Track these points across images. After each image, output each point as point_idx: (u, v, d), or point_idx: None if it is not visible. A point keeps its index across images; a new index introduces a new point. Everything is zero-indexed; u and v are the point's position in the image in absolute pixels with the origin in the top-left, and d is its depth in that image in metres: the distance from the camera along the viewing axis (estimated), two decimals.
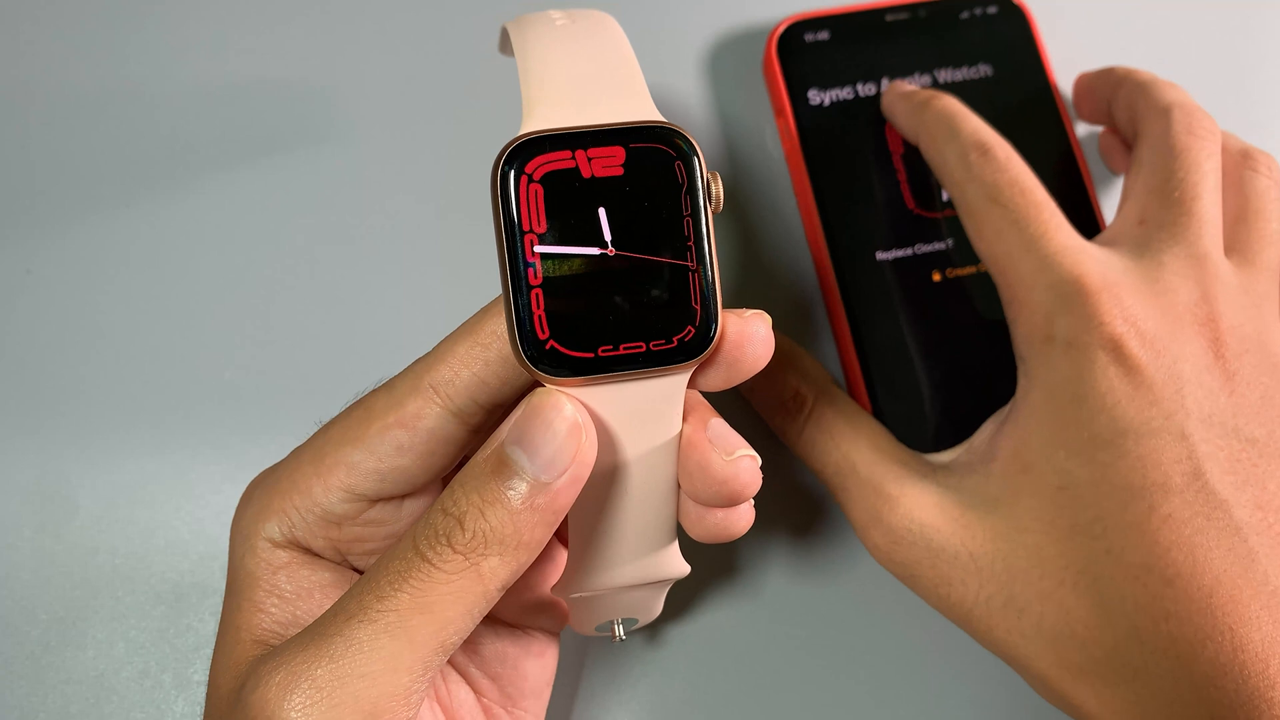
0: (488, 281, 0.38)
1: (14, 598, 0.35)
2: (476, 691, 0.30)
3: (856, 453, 0.32)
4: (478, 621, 0.24)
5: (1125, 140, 0.38)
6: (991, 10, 0.39)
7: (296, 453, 0.27)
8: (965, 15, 0.39)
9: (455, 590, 0.23)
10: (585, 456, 0.24)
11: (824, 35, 0.39)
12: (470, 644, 0.30)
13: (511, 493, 0.23)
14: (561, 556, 0.31)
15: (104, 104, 0.39)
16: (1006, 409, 0.32)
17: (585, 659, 0.35)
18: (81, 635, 0.35)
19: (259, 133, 0.39)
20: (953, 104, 0.34)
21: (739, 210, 0.39)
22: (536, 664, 0.31)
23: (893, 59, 0.39)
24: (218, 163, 0.39)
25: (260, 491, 0.27)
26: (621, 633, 0.31)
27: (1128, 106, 0.36)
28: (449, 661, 0.30)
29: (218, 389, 0.37)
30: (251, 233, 0.38)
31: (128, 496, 0.36)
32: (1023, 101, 0.39)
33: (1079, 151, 0.38)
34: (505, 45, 0.30)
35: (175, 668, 0.34)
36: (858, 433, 0.33)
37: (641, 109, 0.24)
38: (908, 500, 0.31)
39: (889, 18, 0.39)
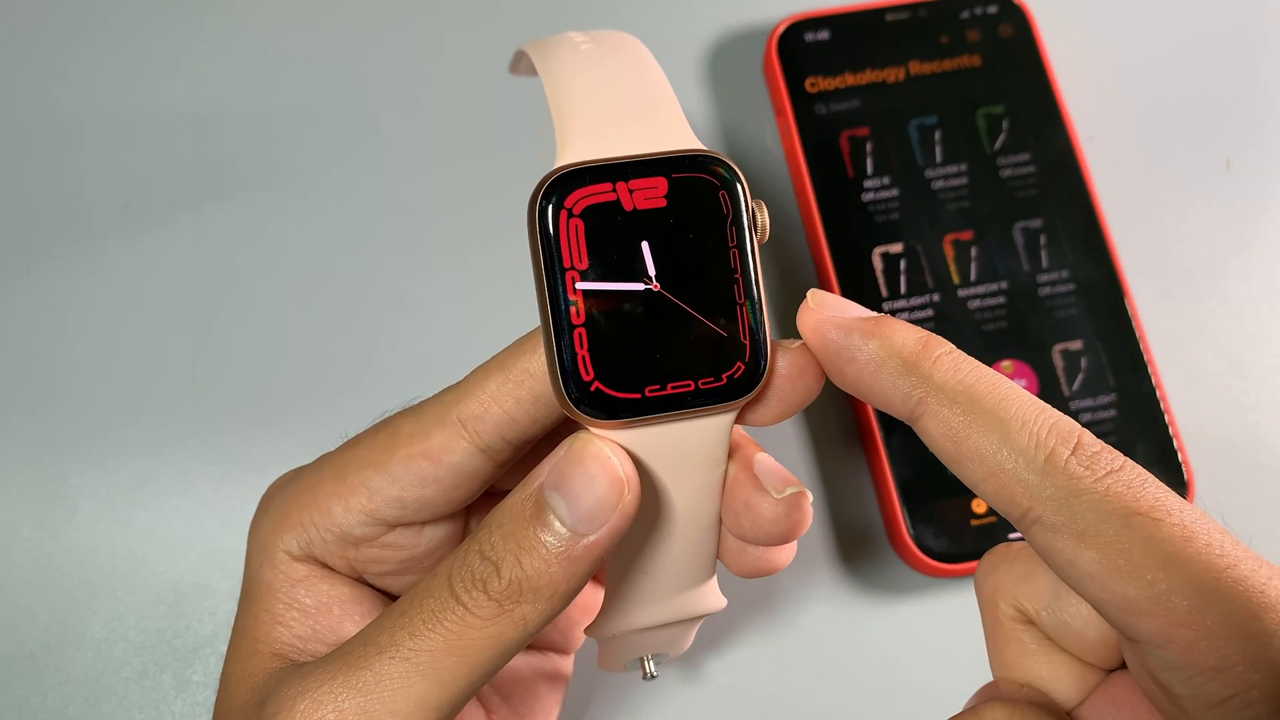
0: (497, 299, 0.38)
1: (13, 598, 0.35)
2: (487, 709, 0.29)
3: None
4: (504, 664, 0.24)
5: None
6: (992, 10, 0.39)
7: (318, 465, 0.27)
8: (965, 14, 0.39)
9: (489, 635, 0.23)
10: (627, 509, 0.23)
11: (824, 35, 0.39)
12: None
13: (549, 541, 0.22)
14: (588, 589, 0.31)
15: (108, 115, 0.39)
16: None
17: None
18: (80, 635, 0.35)
19: (261, 141, 0.39)
20: (961, 361, 0.22)
21: None
22: (548, 683, 0.31)
23: (893, 58, 0.39)
24: (220, 167, 0.39)
25: (280, 500, 0.27)
26: (652, 669, 0.30)
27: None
28: None
29: (217, 389, 0.37)
30: (251, 235, 0.38)
31: (127, 497, 0.36)
32: (1024, 102, 0.39)
33: (1080, 153, 0.38)
34: (517, 66, 0.29)
35: (174, 668, 0.34)
36: None
37: (680, 136, 0.23)
38: None
39: (889, 17, 0.39)
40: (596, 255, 0.22)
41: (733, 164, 0.23)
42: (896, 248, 0.37)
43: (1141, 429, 0.36)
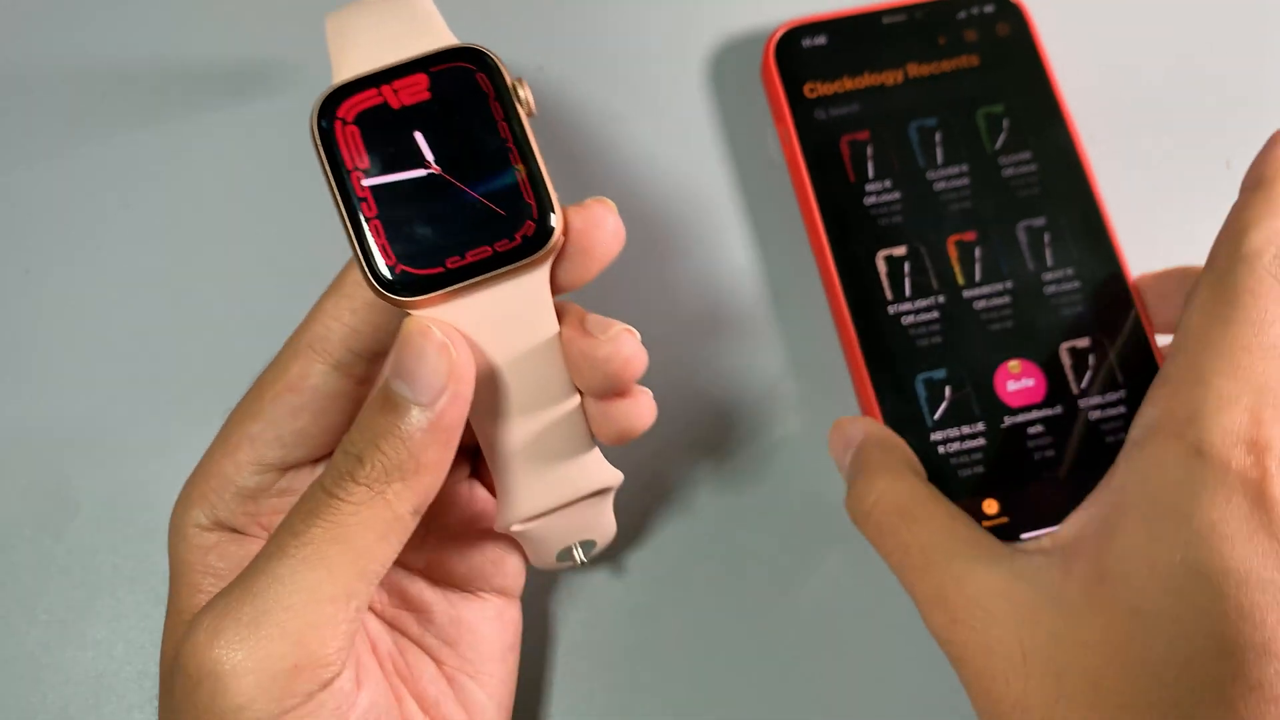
0: None
1: (14, 598, 0.35)
2: (437, 661, 0.30)
3: (928, 531, 0.30)
4: (396, 549, 0.25)
5: None
6: (989, 9, 0.39)
7: (211, 443, 0.28)
8: (962, 15, 0.39)
9: (365, 519, 0.24)
10: (461, 371, 0.25)
11: (821, 40, 0.39)
12: (423, 613, 0.31)
13: (401, 422, 0.24)
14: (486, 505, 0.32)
15: (102, 100, 0.39)
16: (1101, 498, 0.29)
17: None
18: (81, 636, 0.35)
19: (264, 128, 0.39)
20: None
21: (741, 216, 0.39)
22: (493, 627, 0.31)
23: (891, 61, 0.39)
24: (218, 163, 0.39)
25: (185, 486, 0.28)
26: (581, 556, 0.31)
27: None
28: (406, 636, 0.30)
29: (217, 389, 0.37)
30: (252, 233, 0.38)
31: (128, 497, 0.36)
32: (1023, 100, 0.38)
33: (1082, 150, 0.38)
34: None
35: None
36: (930, 508, 0.30)
37: (438, 40, 0.26)
38: (977, 580, 0.28)
39: (886, 20, 0.39)
40: (375, 153, 0.25)
41: (484, 49, 0.25)
42: (900, 250, 0.37)
43: None
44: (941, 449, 0.35)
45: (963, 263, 0.37)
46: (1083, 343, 0.36)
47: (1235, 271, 0.27)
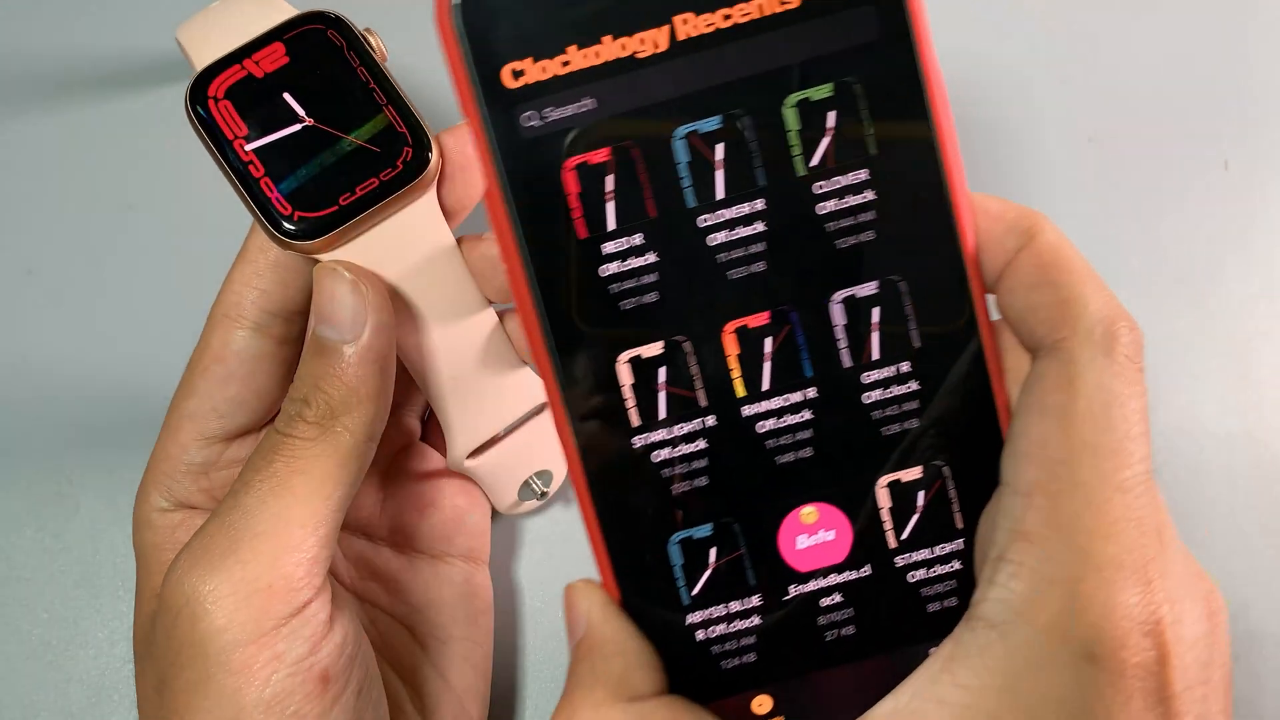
0: None
1: (15, 597, 0.35)
2: (410, 628, 0.31)
3: None
4: (357, 476, 0.27)
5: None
6: None
7: (159, 433, 0.30)
8: None
9: (322, 450, 0.26)
10: (376, 301, 0.26)
11: None
12: (390, 581, 0.31)
13: (334, 362, 0.26)
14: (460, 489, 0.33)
15: (101, 93, 0.39)
16: (941, 693, 0.22)
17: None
18: (83, 635, 0.35)
19: None
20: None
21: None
22: (463, 591, 0.32)
23: (646, 14, 0.22)
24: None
25: (141, 480, 0.29)
26: (539, 487, 0.33)
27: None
28: (378, 606, 0.31)
29: None
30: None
31: (128, 495, 0.35)
32: (869, 76, 0.23)
33: (951, 168, 0.23)
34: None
35: None
36: None
37: (284, 15, 0.28)
38: None
39: None
40: (251, 119, 0.27)
41: (329, 10, 0.28)
42: (654, 350, 0.24)
43: None
44: (700, 634, 0.25)
45: (745, 363, 0.24)
46: (911, 475, 0.25)
47: (1094, 365, 0.21)
